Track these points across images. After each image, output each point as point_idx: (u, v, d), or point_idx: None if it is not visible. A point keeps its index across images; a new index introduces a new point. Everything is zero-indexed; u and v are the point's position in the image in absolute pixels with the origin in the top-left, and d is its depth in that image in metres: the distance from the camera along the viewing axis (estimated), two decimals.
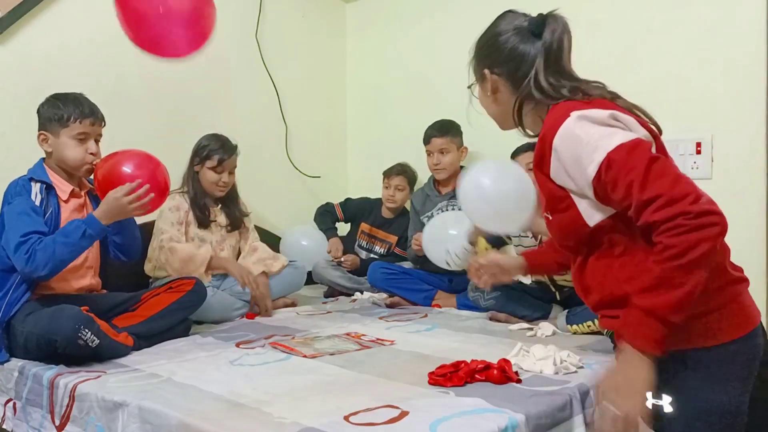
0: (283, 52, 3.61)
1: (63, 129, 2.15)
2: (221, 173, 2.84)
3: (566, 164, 1.16)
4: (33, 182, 2.15)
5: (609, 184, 1.10)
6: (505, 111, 1.37)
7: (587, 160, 1.12)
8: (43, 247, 2.00)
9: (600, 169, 1.10)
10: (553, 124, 1.18)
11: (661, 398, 1.15)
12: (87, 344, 1.92)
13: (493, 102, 1.38)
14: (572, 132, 1.14)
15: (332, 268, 3.32)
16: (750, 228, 2.47)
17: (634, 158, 1.08)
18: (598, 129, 1.13)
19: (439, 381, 1.68)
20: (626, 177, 1.07)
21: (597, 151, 1.10)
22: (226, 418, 1.49)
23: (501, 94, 1.36)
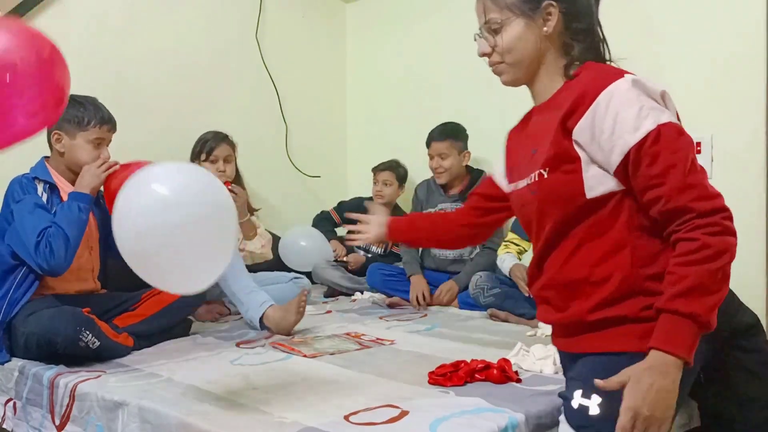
0: (283, 52, 3.61)
1: (80, 132, 2.16)
2: (215, 162, 2.87)
3: (603, 123, 1.09)
4: (37, 181, 2.15)
5: (649, 156, 1.05)
6: (534, 57, 1.24)
7: (633, 124, 1.06)
8: (54, 235, 2.00)
9: (647, 137, 1.05)
10: (601, 82, 1.11)
11: (590, 398, 1.11)
12: (87, 346, 1.92)
13: (535, 41, 1.23)
14: (625, 93, 1.08)
15: (332, 268, 3.33)
16: (750, 228, 2.47)
17: (683, 141, 1.05)
18: (650, 101, 1.08)
19: (439, 381, 1.68)
20: (672, 156, 1.04)
21: (648, 119, 1.06)
22: (226, 418, 1.49)
23: (551, 35, 1.22)
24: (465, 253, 3.09)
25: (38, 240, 2.00)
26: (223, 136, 2.94)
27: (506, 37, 1.24)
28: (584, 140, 1.13)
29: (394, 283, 3.02)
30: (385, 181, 3.40)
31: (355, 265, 3.32)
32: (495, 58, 1.28)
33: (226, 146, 2.92)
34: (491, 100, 3.28)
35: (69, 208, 2.06)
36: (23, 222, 2.04)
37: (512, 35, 1.23)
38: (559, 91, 1.23)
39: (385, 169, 3.41)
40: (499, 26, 1.24)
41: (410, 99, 3.66)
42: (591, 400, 1.11)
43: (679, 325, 1.03)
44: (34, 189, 2.12)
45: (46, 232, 2.01)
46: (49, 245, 2.00)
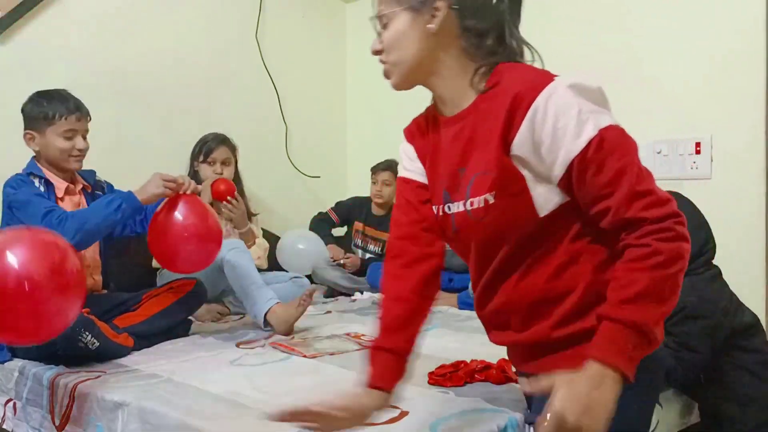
0: (283, 52, 3.61)
1: (49, 127, 2.14)
2: (213, 165, 2.88)
3: (542, 132, 0.98)
4: (32, 177, 2.15)
5: (594, 165, 0.96)
6: (421, 58, 1.12)
7: (574, 131, 0.96)
8: (76, 215, 1.99)
9: (590, 145, 0.95)
10: (533, 84, 0.99)
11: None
12: (87, 346, 1.92)
13: (420, 39, 1.09)
14: (563, 95, 0.97)
15: (332, 268, 3.33)
16: (750, 228, 2.47)
17: (626, 144, 0.97)
18: (587, 102, 0.98)
19: (439, 381, 1.68)
20: (619, 161, 0.95)
21: (588, 124, 0.96)
22: (226, 418, 1.49)
23: (439, 33, 1.08)
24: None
25: (48, 211, 1.97)
26: (222, 138, 2.93)
27: (390, 32, 1.13)
28: (525, 153, 1.01)
29: None
30: (384, 182, 3.40)
31: (353, 267, 3.33)
32: (383, 56, 1.17)
33: (225, 149, 2.92)
34: None
35: (110, 201, 2.01)
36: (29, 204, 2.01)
37: (395, 30, 1.12)
38: (475, 104, 1.09)
39: (385, 169, 3.41)
40: (386, 20, 1.13)
41: (410, 99, 3.62)
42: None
43: (622, 334, 0.93)
44: (31, 182, 2.12)
45: (56, 210, 1.98)
46: (63, 219, 1.95)
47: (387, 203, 3.45)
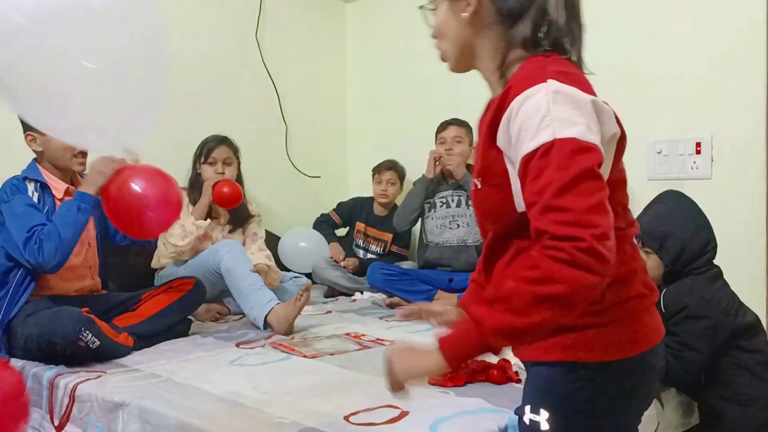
0: (283, 52, 3.61)
1: None
2: (214, 165, 2.87)
3: (512, 130, 0.99)
4: (27, 181, 2.14)
5: (535, 170, 0.94)
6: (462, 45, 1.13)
7: (532, 134, 0.95)
8: (47, 234, 1.99)
9: (538, 150, 0.93)
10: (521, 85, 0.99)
11: (539, 413, 1.04)
12: (87, 345, 1.92)
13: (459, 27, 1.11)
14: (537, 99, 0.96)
15: (332, 268, 3.33)
16: (750, 228, 2.47)
17: (575, 160, 0.92)
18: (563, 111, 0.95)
19: (439, 381, 1.68)
20: (554, 173, 0.92)
21: (546, 130, 0.93)
22: (226, 418, 1.49)
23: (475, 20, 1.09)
24: (469, 239, 3.10)
25: (28, 236, 1.99)
26: (222, 138, 2.93)
27: (435, 22, 1.17)
28: (504, 146, 1.02)
29: (394, 282, 3.01)
30: (389, 181, 3.41)
31: (353, 268, 3.33)
32: (436, 43, 1.20)
33: (226, 148, 2.91)
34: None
35: (68, 208, 2.04)
36: (13, 221, 2.04)
37: (438, 20, 1.16)
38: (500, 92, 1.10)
39: (388, 168, 3.42)
40: (432, 9, 1.18)
41: (410, 99, 3.66)
42: (540, 416, 1.04)
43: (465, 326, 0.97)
44: (24, 189, 2.11)
45: (37, 229, 2.00)
46: (39, 242, 1.98)
47: (390, 203, 3.46)
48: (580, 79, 1.02)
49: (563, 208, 0.90)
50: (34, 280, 2.09)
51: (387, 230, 3.45)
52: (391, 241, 3.45)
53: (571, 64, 1.06)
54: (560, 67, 1.01)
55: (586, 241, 0.87)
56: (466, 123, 3.13)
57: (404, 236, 3.48)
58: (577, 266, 0.87)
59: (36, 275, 2.09)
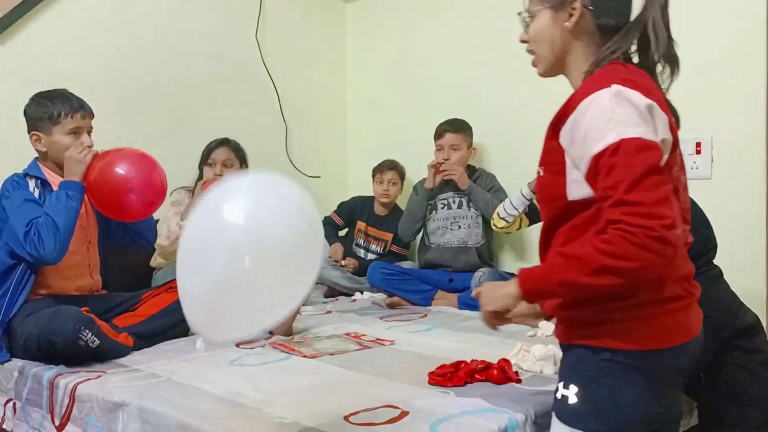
0: (283, 52, 3.61)
1: (55, 126, 2.14)
2: (213, 166, 2.87)
3: (578, 130, 1.11)
4: (29, 178, 2.15)
5: (605, 168, 1.06)
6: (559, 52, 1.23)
7: (599, 135, 1.07)
8: (44, 224, 2.00)
9: (607, 149, 1.05)
10: (589, 88, 1.12)
11: (568, 388, 1.16)
12: (87, 345, 1.92)
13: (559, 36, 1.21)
14: (602, 102, 1.08)
15: (332, 268, 3.33)
16: (750, 228, 2.47)
17: (640, 158, 1.04)
18: (626, 113, 1.07)
19: (439, 381, 1.68)
20: (623, 170, 1.04)
21: (612, 132, 1.06)
22: (226, 418, 1.49)
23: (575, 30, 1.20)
24: (469, 241, 3.10)
25: (27, 230, 1.99)
26: (223, 139, 2.92)
27: (533, 28, 1.25)
28: (565, 144, 1.15)
29: (394, 281, 3.02)
30: (391, 180, 3.42)
31: (353, 268, 3.33)
32: (529, 46, 1.29)
33: (226, 150, 2.90)
34: (493, 100, 3.29)
35: (57, 197, 2.05)
36: (13, 216, 2.04)
37: (537, 27, 1.24)
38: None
39: (390, 168, 3.43)
40: (531, 17, 1.26)
41: (410, 99, 3.66)
42: (569, 390, 1.15)
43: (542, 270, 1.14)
44: (25, 185, 2.12)
45: (35, 222, 2.01)
46: (38, 233, 1.99)
47: (392, 203, 3.46)
48: (645, 86, 1.12)
49: (634, 203, 1.02)
50: (34, 274, 2.09)
51: (387, 230, 3.45)
52: (391, 240, 3.45)
53: (645, 75, 1.17)
54: (629, 76, 1.13)
55: (657, 231, 1.00)
56: (463, 125, 3.12)
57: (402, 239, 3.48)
58: (647, 250, 1.00)
59: (36, 273, 2.09)
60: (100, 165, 2.12)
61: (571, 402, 1.15)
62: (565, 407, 1.16)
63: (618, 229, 1.02)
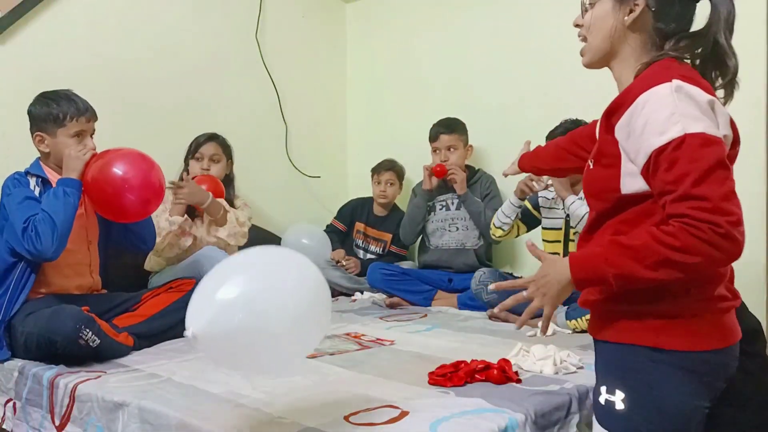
0: (283, 52, 3.61)
1: (59, 129, 2.14)
2: (200, 161, 2.88)
3: (636, 123, 1.09)
4: (30, 176, 2.16)
5: (667, 162, 1.05)
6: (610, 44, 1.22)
7: (661, 128, 1.06)
8: (41, 220, 2.00)
9: (670, 143, 1.04)
10: (647, 83, 1.11)
11: (614, 393, 1.13)
12: (87, 344, 1.92)
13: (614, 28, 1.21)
14: (663, 97, 1.07)
15: (332, 268, 3.33)
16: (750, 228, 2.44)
17: (705, 152, 1.03)
18: (688, 108, 1.06)
19: (439, 381, 1.68)
20: (688, 165, 1.03)
21: (676, 125, 1.04)
22: (226, 418, 1.49)
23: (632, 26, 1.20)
24: (468, 243, 3.10)
25: (25, 226, 2.00)
26: (212, 134, 2.93)
27: (592, 16, 1.24)
28: (621, 138, 1.13)
29: (394, 282, 3.02)
30: (388, 181, 3.42)
31: (354, 269, 3.33)
32: (582, 32, 1.29)
33: (214, 145, 2.90)
34: (492, 99, 3.29)
35: (54, 193, 2.06)
36: (13, 213, 2.05)
37: (596, 15, 1.23)
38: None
39: (388, 168, 3.43)
40: (591, 4, 1.25)
41: (410, 99, 3.66)
42: (615, 396, 1.12)
43: (597, 255, 1.10)
44: (26, 183, 2.13)
45: (32, 218, 2.02)
46: (35, 229, 1.99)
47: (390, 203, 3.46)
48: (703, 84, 1.12)
49: (701, 197, 1.01)
50: (34, 272, 2.09)
51: (387, 230, 3.45)
52: (390, 241, 3.45)
53: (698, 75, 1.16)
54: (688, 73, 1.12)
55: (724, 228, 1.01)
56: (457, 125, 3.12)
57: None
58: (713, 246, 1.01)
59: (37, 272, 2.09)
60: (98, 164, 2.13)
61: (618, 408, 1.12)
62: (611, 413, 1.13)
63: (683, 223, 1.01)
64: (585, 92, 2.94)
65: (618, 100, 1.15)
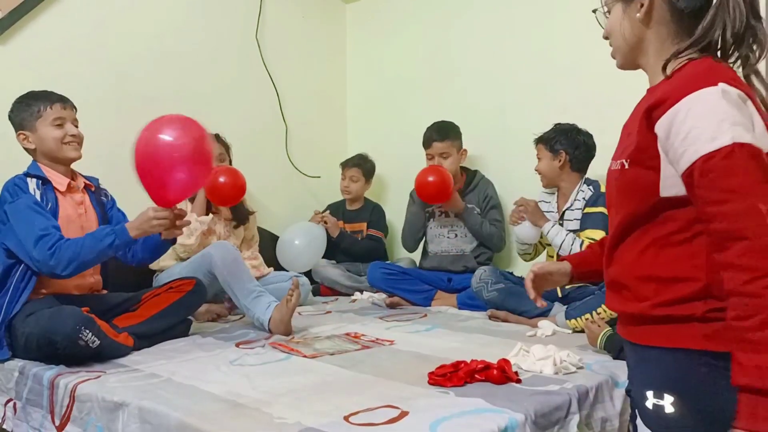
0: (283, 52, 3.61)
1: (38, 121, 2.15)
2: None
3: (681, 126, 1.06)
4: (29, 178, 2.15)
5: (716, 170, 1.02)
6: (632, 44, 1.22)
7: (711, 134, 1.02)
8: (70, 245, 2.01)
9: (720, 151, 1.01)
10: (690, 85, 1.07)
11: (662, 398, 1.11)
12: (87, 344, 1.92)
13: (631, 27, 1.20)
14: (711, 102, 1.04)
15: (332, 267, 3.34)
16: None
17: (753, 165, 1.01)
18: (737, 116, 1.03)
19: (439, 381, 1.68)
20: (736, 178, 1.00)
21: (727, 133, 1.01)
22: (226, 418, 1.49)
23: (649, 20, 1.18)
24: (467, 249, 3.10)
25: (41, 235, 2.00)
26: (215, 134, 2.94)
27: (609, 22, 1.25)
28: (661, 136, 1.09)
29: (394, 281, 3.02)
30: (352, 177, 3.49)
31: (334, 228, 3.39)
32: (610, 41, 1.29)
33: (218, 145, 2.94)
34: (492, 99, 3.29)
35: (104, 238, 2.05)
36: (23, 219, 2.04)
37: (612, 20, 1.24)
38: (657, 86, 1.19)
39: (354, 165, 3.51)
40: (607, 10, 1.26)
41: (410, 98, 3.66)
42: (664, 400, 1.11)
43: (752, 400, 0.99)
44: (26, 187, 2.11)
45: (52, 232, 2.01)
46: (57, 248, 2.00)
47: (357, 198, 3.55)
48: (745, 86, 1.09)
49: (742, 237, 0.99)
50: (35, 275, 2.09)
51: (361, 220, 3.52)
52: (366, 228, 3.50)
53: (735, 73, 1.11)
54: (731, 73, 1.09)
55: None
56: (450, 131, 3.09)
57: (380, 221, 3.55)
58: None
59: (37, 273, 2.09)
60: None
61: (669, 411, 1.10)
62: (661, 418, 1.11)
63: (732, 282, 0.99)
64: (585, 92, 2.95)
65: (659, 99, 1.10)
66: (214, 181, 2.75)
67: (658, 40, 1.19)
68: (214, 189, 2.78)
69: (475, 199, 3.10)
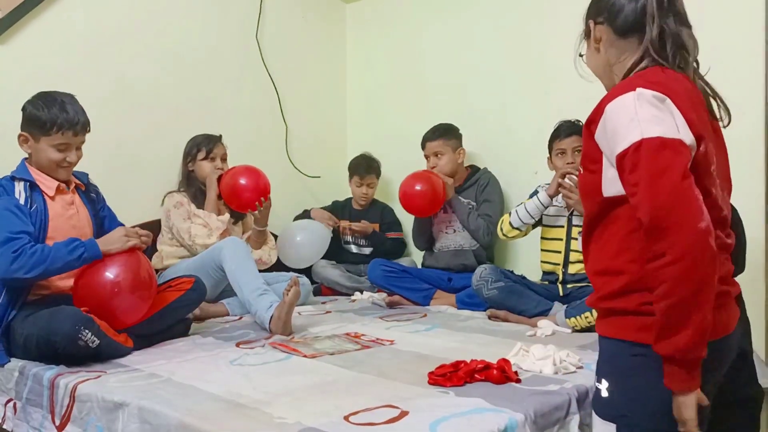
0: (283, 52, 3.61)
1: (44, 136, 2.11)
2: (214, 161, 2.93)
3: (607, 132, 1.18)
4: (16, 181, 2.13)
5: (630, 164, 1.12)
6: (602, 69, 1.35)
7: (623, 134, 1.13)
8: (36, 251, 1.99)
9: (630, 147, 1.11)
10: (614, 92, 1.20)
11: (601, 383, 1.22)
12: (87, 344, 1.92)
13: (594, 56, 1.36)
14: (626, 105, 1.15)
15: (332, 267, 3.34)
16: (749, 228, 2.46)
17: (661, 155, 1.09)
18: (648, 113, 1.13)
19: (438, 381, 1.68)
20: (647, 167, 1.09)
21: (635, 130, 1.12)
22: (226, 418, 1.49)
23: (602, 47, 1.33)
24: (465, 244, 3.10)
25: (9, 237, 1.97)
26: (218, 137, 2.99)
27: (586, 60, 1.39)
28: (600, 142, 1.22)
29: (394, 279, 3.02)
30: (371, 184, 3.51)
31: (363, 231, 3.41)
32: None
33: (222, 145, 2.99)
34: (492, 99, 3.29)
35: (73, 251, 2.04)
36: None
37: (587, 57, 1.39)
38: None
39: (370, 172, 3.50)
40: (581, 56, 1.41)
41: (410, 99, 3.66)
42: (601, 384, 1.22)
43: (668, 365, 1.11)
44: (12, 190, 2.10)
45: (21, 237, 1.99)
46: (21, 252, 1.97)
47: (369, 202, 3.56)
48: (669, 86, 1.18)
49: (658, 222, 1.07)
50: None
51: (369, 221, 3.51)
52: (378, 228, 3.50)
53: (672, 73, 1.22)
54: (655, 78, 1.19)
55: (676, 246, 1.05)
56: (444, 130, 3.12)
57: (394, 222, 3.57)
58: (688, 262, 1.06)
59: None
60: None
61: (603, 395, 1.22)
62: (598, 400, 1.23)
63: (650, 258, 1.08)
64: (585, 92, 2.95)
65: (595, 110, 1.22)
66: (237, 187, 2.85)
67: (616, 60, 1.31)
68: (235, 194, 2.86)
69: (472, 194, 3.11)
